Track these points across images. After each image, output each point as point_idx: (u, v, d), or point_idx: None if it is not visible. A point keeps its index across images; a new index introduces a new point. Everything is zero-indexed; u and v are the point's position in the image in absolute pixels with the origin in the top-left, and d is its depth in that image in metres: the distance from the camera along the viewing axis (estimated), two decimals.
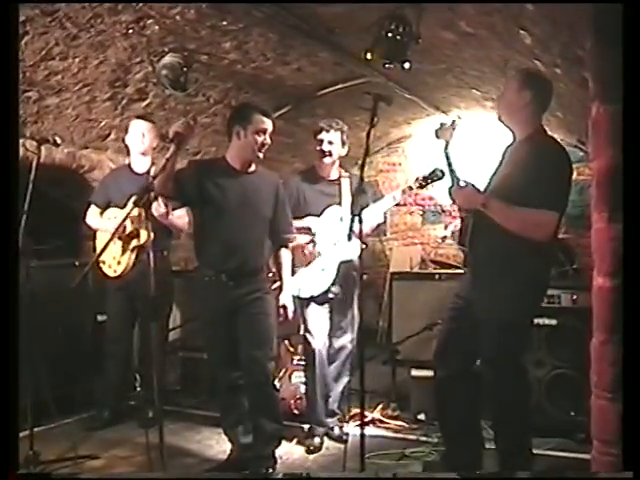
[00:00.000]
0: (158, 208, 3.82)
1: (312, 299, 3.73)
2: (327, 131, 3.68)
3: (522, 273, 2.69)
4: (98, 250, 4.06)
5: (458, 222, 3.22)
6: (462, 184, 2.82)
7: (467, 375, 2.92)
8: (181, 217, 4.01)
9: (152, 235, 3.88)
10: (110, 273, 4.01)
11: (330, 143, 3.68)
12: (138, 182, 3.99)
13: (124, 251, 3.94)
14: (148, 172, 4.06)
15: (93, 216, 4.12)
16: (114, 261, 3.96)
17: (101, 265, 4.04)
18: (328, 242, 3.72)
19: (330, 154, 3.70)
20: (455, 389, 2.92)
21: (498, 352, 2.74)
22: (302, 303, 3.77)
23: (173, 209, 3.69)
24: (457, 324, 2.93)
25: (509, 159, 2.87)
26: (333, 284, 3.71)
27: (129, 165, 4.16)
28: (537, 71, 3.09)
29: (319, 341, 3.75)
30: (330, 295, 3.73)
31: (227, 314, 3.14)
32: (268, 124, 3.16)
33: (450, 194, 2.90)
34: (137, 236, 3.92)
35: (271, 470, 3.17)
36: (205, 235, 3.19)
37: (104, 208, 4.09)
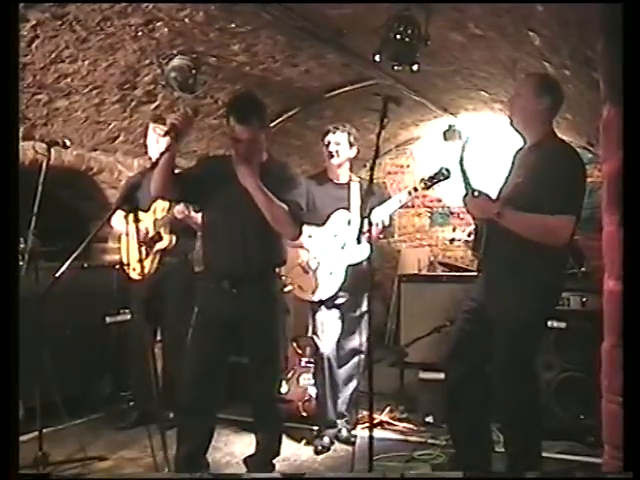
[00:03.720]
0: (180, 210, 3.86)
1: (321, 303, 3.74)
2: (334, 132, 3.73)
3: (535, 277, 2.68)
4: (123, 253, 4.14)
5: (472, 226, 3.20)
6: (476, 194, 2.81)
7: (478, 377, 2.91)
8: None
9: (175, 240, 3.97)
10: (135, 276, 4.06)
11: (337, 144, 3.71)
12: None
13: (147, 254, 3.99)
14: None
15: (118, 220, 4.12)
16: (138, 264, 3.90)
17: (125, 268, 4.11)
18: (336, 246, 3.71)
19: (337, 154, 3.72)
20: (466, 390, 2.91)
21: (509, 355, 2.73)
22: (311, 307, 3.78)
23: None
24: (470, 326, 2.92)
25: (521, 164, 2.85)
26: (341, 288, 3.71)
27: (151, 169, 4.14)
28: (552, 76, 3.08)
29: (327, 345, 3.74)
30: (339, 300, 3.74)
31: (227, 325, 2.92)
32: (241, 133, 2.76)
33: (464, 203, 2.90)
34: (160, 239, 3.99)
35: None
36: (209, 237, 3.03)
37: (129, 211, 4.10)
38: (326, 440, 3.73)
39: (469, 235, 3.17)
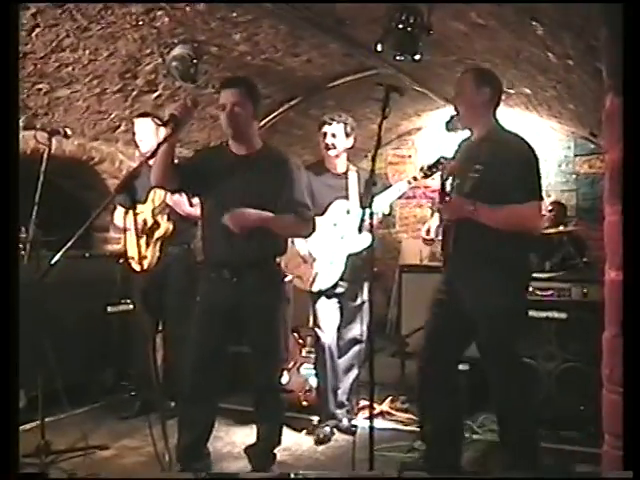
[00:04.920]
0: (172, 197, 3.85)
1: (321, 293, 3.74)
2: (329, 124, 3.68)
3: (502, 263, 2.71)
4: (127, 246, 4.11)
5: (427, 224, 3.20)
6: (447, 198, 2.83)
7: (453, 371, 2.94)
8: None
9: (172, 226, 3.96)
10: (137, 268, 3.96)
11: (333, 136, 3.68)
12: None
13: (148, 244, 3.97)
14: None
15: (119, 216, 4.10)
16: (140, 256, 3.88)
17: (130, 261, 4.07)
18: (335, 236, 3.71)
19: (334, 146, 3.70)
20: (441, 385, 2.91)
21: (490, 344, 2.75)
22: (312, 297, 3.78)
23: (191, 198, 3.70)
24: (442, 320, 2.91)
25: (471, 157, 2.82)
26: (341, 278, 3.71)
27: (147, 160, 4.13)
28: (489, 69, 3.12)
29: (328, 335, 3.75)
30: (339, 289, 3.74)
31: (228, 314, 2.92)
32: (226, 97, 2.80)
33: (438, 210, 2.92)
34: (158, 227, 3.96)
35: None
36: (208, 227, 3.03)
37: (128, 207, 4.09)
38: (327, 430, 3.74)
39: (427, 232, 3.16)
